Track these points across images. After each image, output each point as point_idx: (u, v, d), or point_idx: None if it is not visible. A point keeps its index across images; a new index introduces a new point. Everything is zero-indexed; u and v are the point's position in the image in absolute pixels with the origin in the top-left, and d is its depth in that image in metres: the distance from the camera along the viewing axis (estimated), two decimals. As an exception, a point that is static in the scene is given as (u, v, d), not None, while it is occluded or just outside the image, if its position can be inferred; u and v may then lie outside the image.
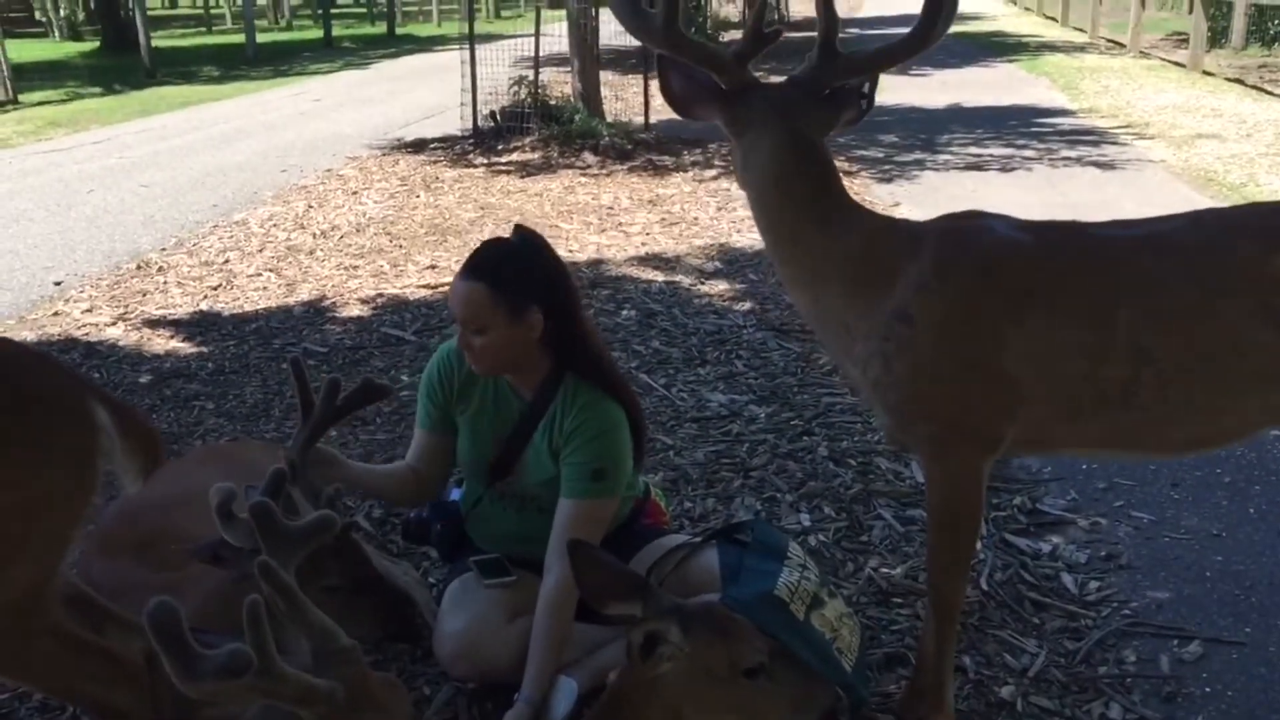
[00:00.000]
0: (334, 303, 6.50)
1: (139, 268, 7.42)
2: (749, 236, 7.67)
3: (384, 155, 11.49)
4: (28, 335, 6.13)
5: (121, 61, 21.88)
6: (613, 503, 2.89)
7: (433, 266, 7.14)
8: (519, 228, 2.91)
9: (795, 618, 2.73)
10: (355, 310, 6.33)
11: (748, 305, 6.15)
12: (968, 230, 2.48)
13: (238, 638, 1.82)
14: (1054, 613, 3.33)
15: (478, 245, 2.90)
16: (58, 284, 7.17)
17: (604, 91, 12.26)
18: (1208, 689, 2.99)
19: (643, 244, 7.60)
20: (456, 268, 2.90)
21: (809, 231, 2.52)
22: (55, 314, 6.55)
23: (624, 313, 6.11)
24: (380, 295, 6.57)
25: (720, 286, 6.51)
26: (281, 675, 1.72)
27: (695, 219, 8.32)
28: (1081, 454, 2.82)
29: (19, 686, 2.87)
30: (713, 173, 9.99)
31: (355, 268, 7.24)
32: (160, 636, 1.61)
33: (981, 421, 2.41)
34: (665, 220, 8.30)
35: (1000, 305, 2.37)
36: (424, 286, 6.72)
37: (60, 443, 2.14)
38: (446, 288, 6.53)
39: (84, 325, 6.30)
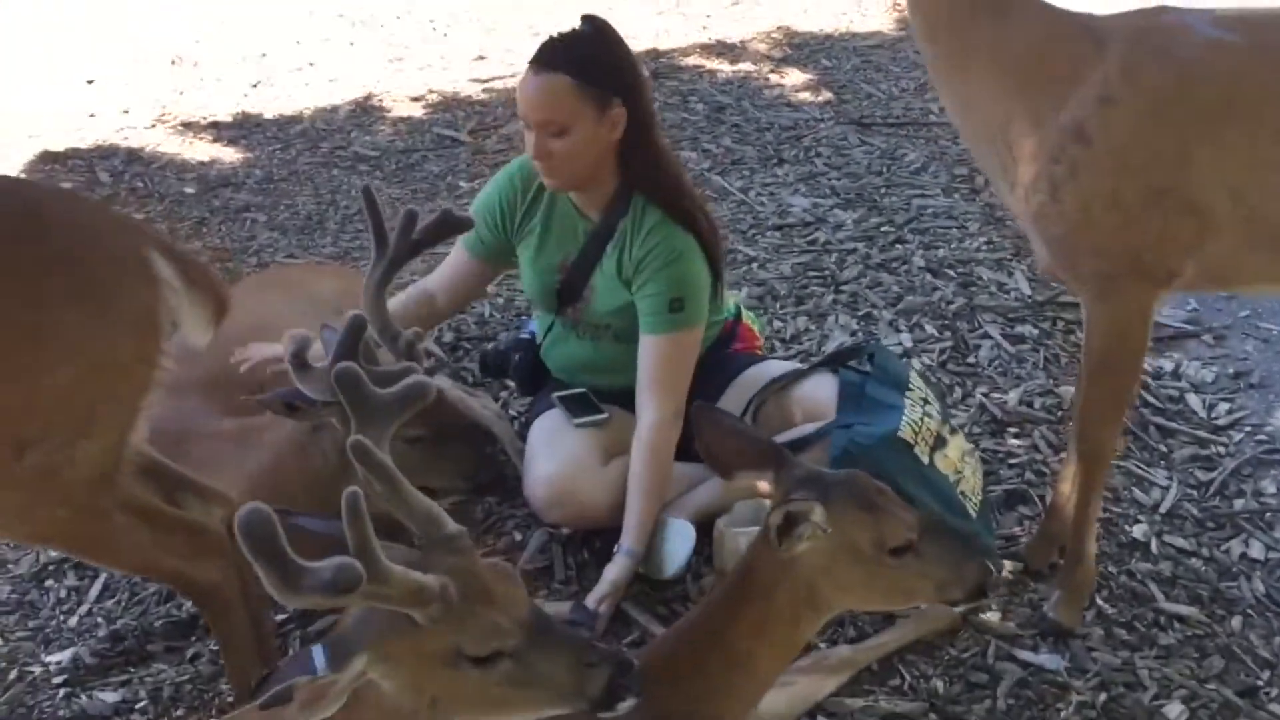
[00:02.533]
0: (381, 100, 6.10)
1: (173, 64, 7.03)
2: (817, 18, 7.12)
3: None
4: (63, 140, 5.84)
5: None
6: (696, 332, 2.66)
7: (482, 58, 6.68)
8: (588, 17, 2.60)
9: (919, 461, 2.53)
10: (404, 109, 5.95)
11: (824, 96, 5.70)
12: (1162, 30, 2.09)
13: (330, 515, 1.63)
14: (1182, 439, 3.10)
15: (544, 40, 2.57)
16: (90, 83, 6.82)
17: None
18: (1360, 523, 2.77)
19: (703, 28, 7.06)
20: (509, 59, 2.60)
21: (971, 20, 2.15)
22: (91, 115, 6.23)
23: (691, 105, 5.70)
24: (430, 91, 6.15)
25: (792, 75, 6.04)
26: (388, 578, 1.50)
27: (758, -1, 7.71)
28: (1269, 290, 2.49)
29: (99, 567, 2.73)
30: (773, -56, 9.26)
31: (400, 60, 6.80)
32: (253, 547, 1.39)
33: (1160, 256, 2.09)
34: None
35: (1196, 121, 2.01)
36: (475, 80, 6.30)
37: (120, 303, 1.90)
38: (497, 82, 6.16)
39: (121, 128, 5.98)
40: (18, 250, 1.78)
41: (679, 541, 2.55)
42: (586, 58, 2.50)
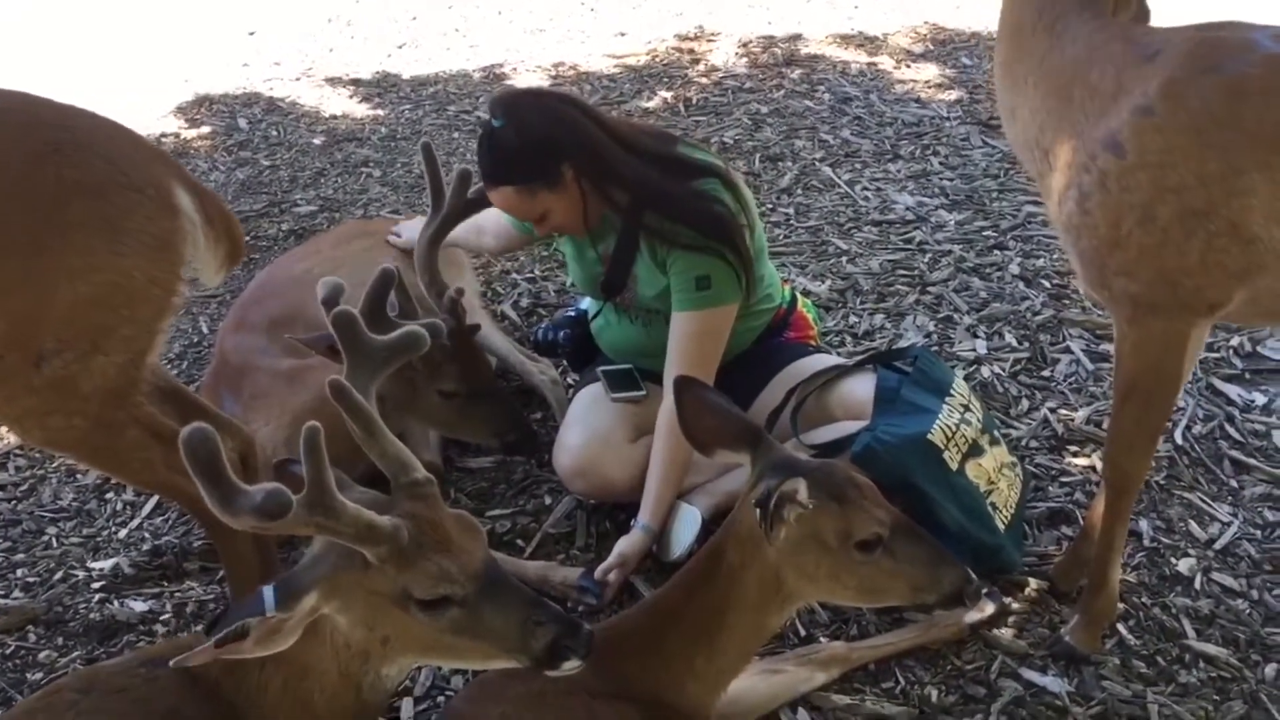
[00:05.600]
0: (515, 68, 6.23)
1: (329, 21, 7.30)
2: (969, 14, 6.93)
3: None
4: (215, 85, 6.14)
5: None
6: (726, 311, 2.63)
7: (622, 34, 6.73)
8: (495, 104, 2.57)
9: (947, 466, 2.48)
10: (534, 79, 6.05)
11: (955, 94, 5.56)
12: (1218, 43, 1.94)
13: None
14: (1257, 476, 2.93)
15: (477, 145, 2.61)
16: (251, 34, 7.15)
17: None
18: None
19: (849, 17, 6.96)
20: (647, 37, 2.62)
21: (1031, 32, 2.11)
22: (245, 65, 6.54)
23: (818, 95, 5.63)
24: (561, 63, 6.24)
25: (927, 71, 5.90)
26: (340, 514, 1.56)
27: (911, -10, 7.55)
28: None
29: (110, 479, 2.89)
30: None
31: (543, 31, 6.91)
32: (196, 466, 1.46)
33: (1198, 284, 1.96)
34: (878, -10, 7.56)
35: (1245, 142, 1.86)
36: (609, 56, 6.35)
37: (139, 228, 1.99)
38: (631, 59, 6.20)
39: (270, 79, 6.27)
40: (43, 172, 1.90)
41: (684, 526, 2.56)
42: (514, 160, 2.52)
